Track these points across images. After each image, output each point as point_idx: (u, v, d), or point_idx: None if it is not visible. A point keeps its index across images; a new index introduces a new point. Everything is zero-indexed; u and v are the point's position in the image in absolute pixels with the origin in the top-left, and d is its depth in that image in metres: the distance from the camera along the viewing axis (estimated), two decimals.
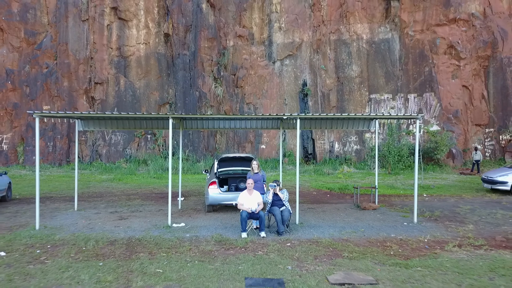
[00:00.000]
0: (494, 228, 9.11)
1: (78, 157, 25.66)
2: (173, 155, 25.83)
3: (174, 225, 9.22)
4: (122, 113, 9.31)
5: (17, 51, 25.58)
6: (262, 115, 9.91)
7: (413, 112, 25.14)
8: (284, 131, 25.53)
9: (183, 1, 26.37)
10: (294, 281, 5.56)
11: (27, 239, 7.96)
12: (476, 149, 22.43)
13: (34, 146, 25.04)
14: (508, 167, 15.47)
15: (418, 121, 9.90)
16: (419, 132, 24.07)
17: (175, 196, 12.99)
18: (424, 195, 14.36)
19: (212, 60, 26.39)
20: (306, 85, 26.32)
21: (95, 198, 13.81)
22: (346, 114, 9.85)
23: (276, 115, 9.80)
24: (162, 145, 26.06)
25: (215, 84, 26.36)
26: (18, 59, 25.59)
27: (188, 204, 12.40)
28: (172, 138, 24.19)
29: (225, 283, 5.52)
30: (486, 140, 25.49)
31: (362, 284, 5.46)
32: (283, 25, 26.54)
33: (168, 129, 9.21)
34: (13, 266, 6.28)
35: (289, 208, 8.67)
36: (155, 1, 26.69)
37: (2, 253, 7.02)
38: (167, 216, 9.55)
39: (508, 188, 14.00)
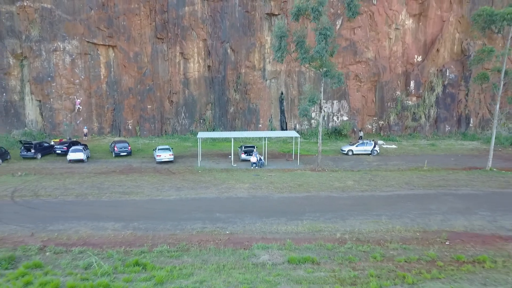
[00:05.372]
0: (317, 165, 34.24)
1: (166, 131, 50.99)
2: (213, 129, 50.59)
3: (234, 165, 34.57)
4: (223, 132, 34.30)
5: (133, 78, 49.47)
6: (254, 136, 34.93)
7: (335, 109, 49.54)
8: (271, 122, 50.21)
9: (217, 48, 49.70)
10: (260, 175, 30.95)
11: (199, 169, 33.28)
12: (360, 130, 47.19)
13: (145, 126, 50.04)
14: (350, 144, 40.38)
15: (294, 138, 34.79)
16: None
17: (227, 154, 38.20)
18: (316, 154, 39.38)
19: (233, 80, 50.29)
20: (283, 94, 50.47)
21: (197, 156, 38.92)
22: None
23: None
24: (209, 125, 50.89)
25: (235, 93, 50.56)
26: (133, 81, 49.55)
27: (233, 158, 37.51)
28: (212, 121, 49.22)
29: (249, 174, 31.01)
30: (373, 124, 50.19)
31: (270, 174, 30.86)
32: (271, 60, 50.03)
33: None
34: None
35: (263, 161, 34.05)
36: (202, 48, 50.00)
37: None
38: (230, 162, 34.89)
39: (345, 152, 39.02)
